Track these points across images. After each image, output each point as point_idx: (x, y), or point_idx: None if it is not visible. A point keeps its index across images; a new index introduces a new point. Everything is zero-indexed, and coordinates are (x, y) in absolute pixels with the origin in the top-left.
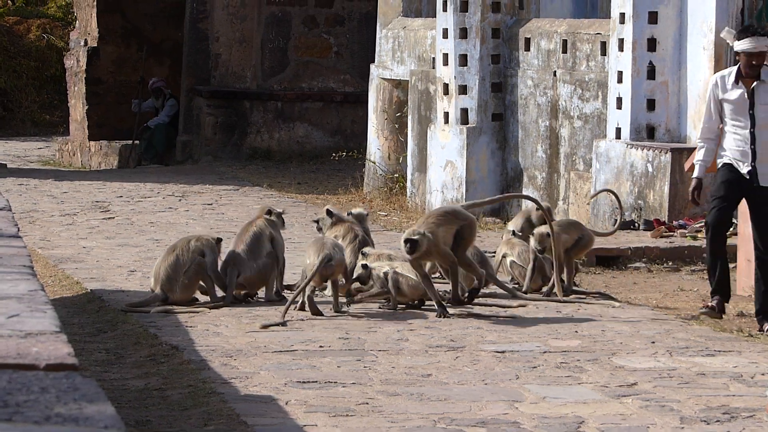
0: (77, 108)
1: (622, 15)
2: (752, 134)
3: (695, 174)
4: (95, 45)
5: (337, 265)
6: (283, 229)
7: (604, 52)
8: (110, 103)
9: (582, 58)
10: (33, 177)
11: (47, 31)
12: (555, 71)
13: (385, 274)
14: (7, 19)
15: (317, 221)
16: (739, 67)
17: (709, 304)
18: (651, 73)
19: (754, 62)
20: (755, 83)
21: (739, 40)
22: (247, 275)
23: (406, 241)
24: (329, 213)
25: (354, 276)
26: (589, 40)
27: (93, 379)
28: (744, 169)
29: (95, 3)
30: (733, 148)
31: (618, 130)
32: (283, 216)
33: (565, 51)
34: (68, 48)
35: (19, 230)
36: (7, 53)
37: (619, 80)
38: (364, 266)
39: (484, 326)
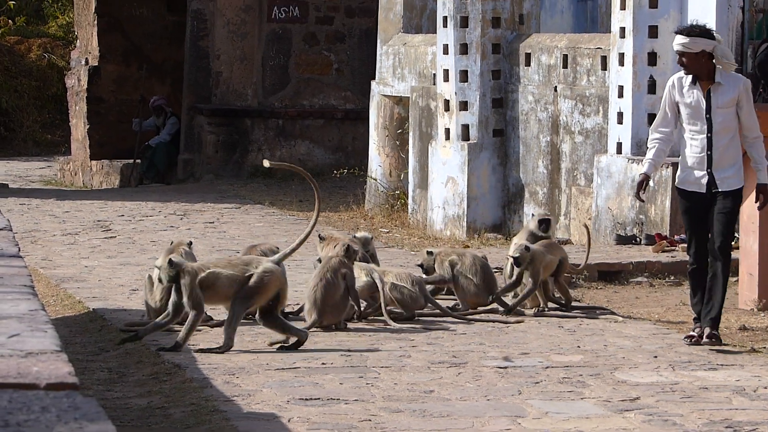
0: (78, 127)
1: (623, 29)
2: (709, 139)
3: (643, 170)
4: (96, 64)
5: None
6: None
7: (604, 67)
8: (111, 122)
9: (582, 72)
10: (35, 197)
11: (48, 50)
12: (556, 86)
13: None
14: (8, 39)
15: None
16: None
17: (690, 333)
18: (652, 88)
19: (685, 61)
20: (711, 85)
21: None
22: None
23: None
24: (320, 237)
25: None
26: (589, 55)
27: (94, 398)
28: (701, 179)
29: (96, 22)
30: (690, 155)
31: (619, 145)
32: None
33: (565, 66)
34: (69, 67)
35: (20, 250)
36: (8, 73)
37: (620, 95)
38: (429, 252)
39: (486, 342)
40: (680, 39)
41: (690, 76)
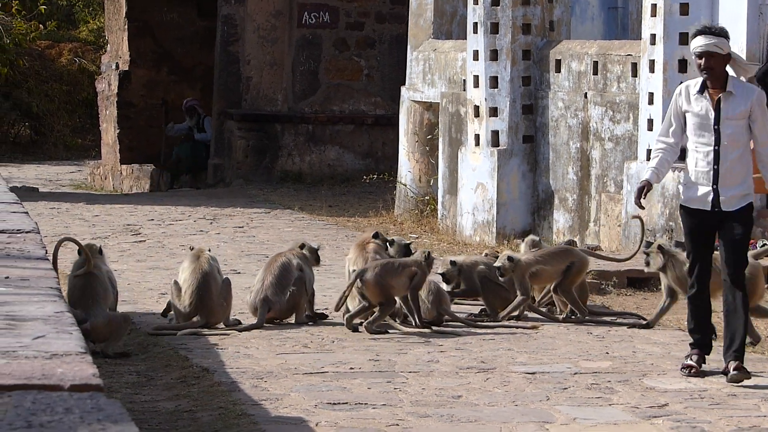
0: (109, 131)
1: (653, 36)
2: (716, 152)
3: (645, 177)
4: (126, 69)
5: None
6: (316, 265)
7: (635, 74)
8: (142, 126)
9: (613, 79)
10: (65, 201)
11: (79, 55)
12: (586, 93)
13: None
14: (39, 44)
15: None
16: (704, 78)
17: (686, 363)
18: None
19: (703, 63)
20: (721, 94)
21: (691, 41)
22: (276, 309)
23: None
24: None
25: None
26: (619, 62)
27: (117, 400)
28: (707, 197)
29: (126, 27)
30: (695, 169)
31: (649, 152)
32: (318, 252)
33: (595, 72)
34: (100, 72)
35: (47, 252)
36: (39, 77)
37: (650, 102)
38: (452, 263)
39: (514, 348)
40: (706, 40)
41: (699, 84)
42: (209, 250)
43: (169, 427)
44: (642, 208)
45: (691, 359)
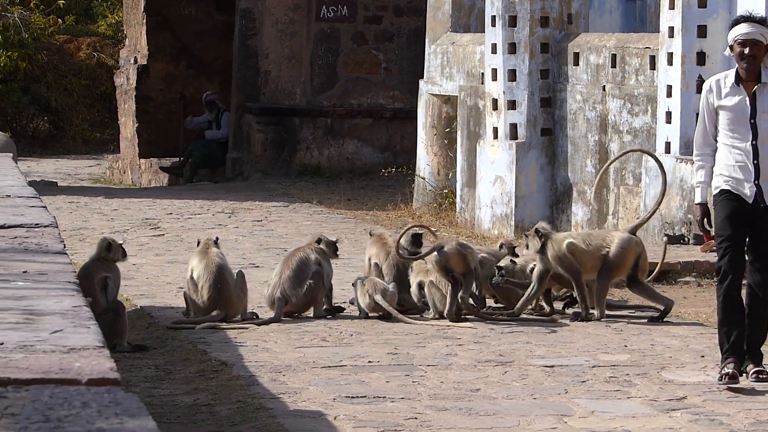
0: (127, 126)
1: (671, 29)
2: (754, 147)
3: (698, 200)
4: (145, 63)
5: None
6: (334, 258)
7: (653, 67)
8: (160, 120)
9: (631, 72)
10: (83, 195)
11: (97, 49)
12: (604, 86)
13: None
14: (57, 38)
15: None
16: (737, 70)
17: (725, 371)
18: (700, 87)
19: (746, 51)
20: (756, 86)
21: (731, 29)
22: (293, 303)
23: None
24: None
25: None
26: (638, 55)
27: (135, 394)
28: (747, 190)
29: (145, 21)
30: (731, 164)
31: (667, 145)
32: (337, 245)
33: (614, 65)
34: (118, 66)
35: (65, 246)
36: (58, 72)
37: (669, 94)
38: (513, 261)
39: (533, 341)
40: (750, 27)
41: (732, 77)
42: (216, 242)
43: (187, 420)
44: (710, 237)
45: (726, 366)
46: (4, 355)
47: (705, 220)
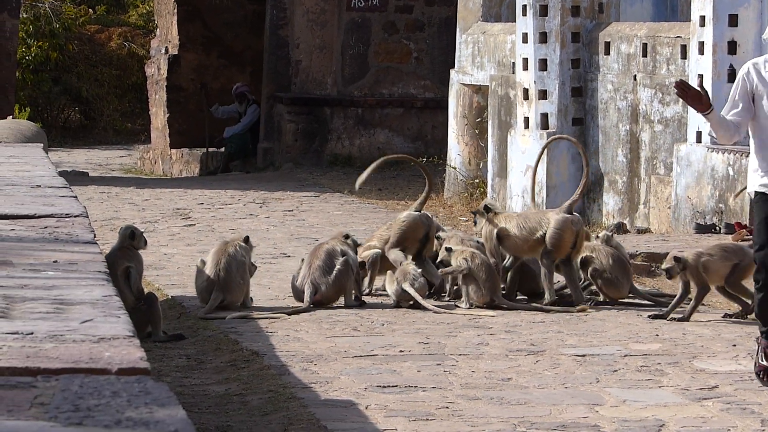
0: (158, 116)
1: (702, 18)
2: None
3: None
4: (176, 53)
5: None
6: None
7: (684, 56)
8: (191, 110)
9: (662, 61)
10: (114, 185)
11: (128, 39)
12: (635, 75)
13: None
14: (88, 28)
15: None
16: None
17: (763, 363)
18: (731, 77)
19: None
20: None
21: None
22: (322, 292)
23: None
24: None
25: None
26: (669, 44)
27: (165, 383)
28: None
29: (176, 11)
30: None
31: (698, 134)
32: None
33: (645, 55)
34: (149, 56)
35: (95, 237)
36: (89, 62)
37: (700, 84)
38: (449, 249)
39: (564, 330)
40: None
41: None
42: (246, 241)
43: (218, 410)
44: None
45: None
46: (34, 345)
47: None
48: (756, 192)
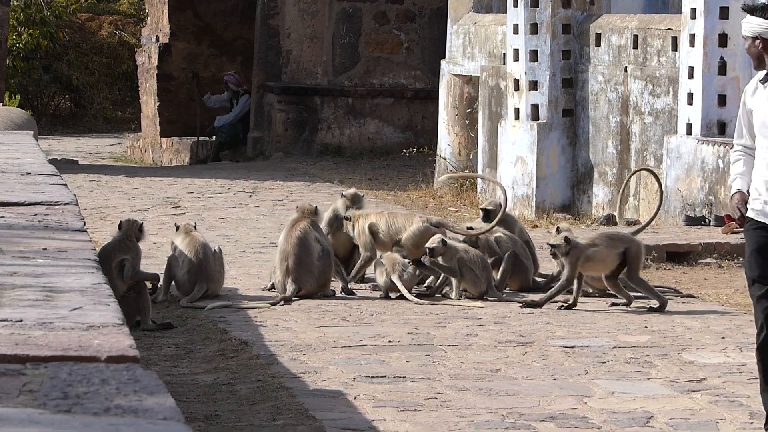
0: (149, 104)
1: (693, 10)
2: None
3: (736, 187)
4: (167, 41)
5: None
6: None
7: (675, 48)
8: (181, 99)
9: (653, 53)
10: (104, 173)
11: (119, 27)
12: (626, 67)
13: None
14: (79, 16)
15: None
16: None
17: None
18: (722, 69)
19: (749, 50)
20: None
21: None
22: (306, 288)
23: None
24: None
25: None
26: (660, 36)
27: (153, 372)
28: None
29: (167, 0)
30: (758, 176)
31: (689, 126)
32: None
33: (636, 47)
34: (140, 44)
35: (85, 224)
36: (79, 50)
37: (690, 76)
38: (444, 242)
39: (553, 321)
40: (759, 21)
41: (764, 74)
42: (194, 226)
43: (207, 399)
44: (742, 219)
45: None
46: (23, 332)
47: (741, 206)
48: (747, 217)
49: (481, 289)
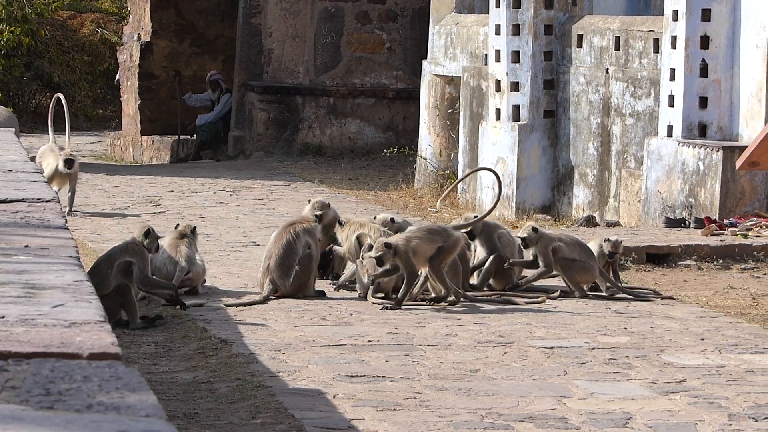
0: (130, 102)
1: (675, 12)
2: None
3: None
4: (148, 40)
5: None
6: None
7: (656, 50)
8: (163, 98)
9: (635, 55)
10: (85, 171)
11: (101, 25)
12: (607, 68)
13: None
14: (61, 14)
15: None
16: None
17: None
18: (704, 71)
19: None
20: None
21: None
22: (282, 290)
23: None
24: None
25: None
26: (641, 38)
27: (135, 369)
28: None
29: None
30: None
31: (670, 128)
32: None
33: (617, 48)
34: (121, 43)
35: (66, 222)
36: (61, 48)
37: (672, 78)
38: (387, 245)
39: (532, 322)
40: None
41: None
42: (193, 231)
43: (186, 398)
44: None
45: None
46: (5, 329)
47: None
48: None
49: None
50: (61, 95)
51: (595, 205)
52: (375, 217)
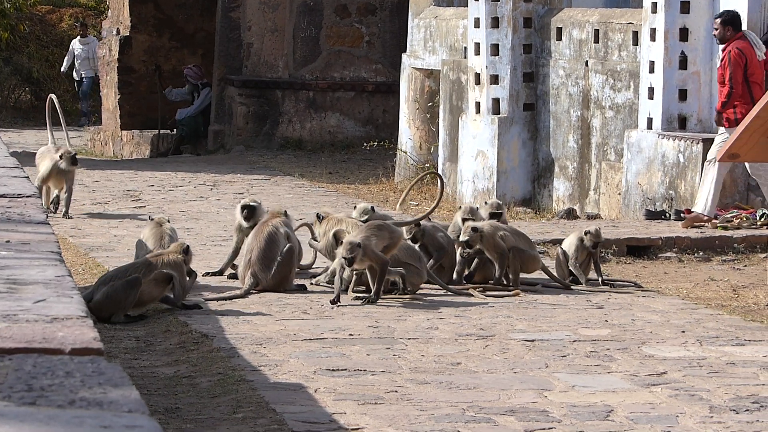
0: (109, 97)
1: (654, 5)
2: None
3: None
4: (127, 34)
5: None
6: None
7: (636, 42)
8: (142, 92)
9: (614, 47)
10: None
11: (80, 20)
12: (587, 61)
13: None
14: (39, 9)
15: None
16: None
17: None
18: (683, 63)
19: None
20: None
21: None
22: (263, 284)
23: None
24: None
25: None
26: (621, 30)
27: (118, 364)
28: None
29: None
30: None
31: (650, 120)
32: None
33: (597, 41)
34: (101, 37)
35: (47, 217)
36: (40, 42)
37: (651, 70)
38: (358, 245)
39: (513, 315)
40: None
41: None
42: (168, 221)
43: (167, 392)
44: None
45: None
46: None
47: None
48: None
49: (423, 279)
50: (53, 96)
51: (575, 198)
52: (355, 206)
